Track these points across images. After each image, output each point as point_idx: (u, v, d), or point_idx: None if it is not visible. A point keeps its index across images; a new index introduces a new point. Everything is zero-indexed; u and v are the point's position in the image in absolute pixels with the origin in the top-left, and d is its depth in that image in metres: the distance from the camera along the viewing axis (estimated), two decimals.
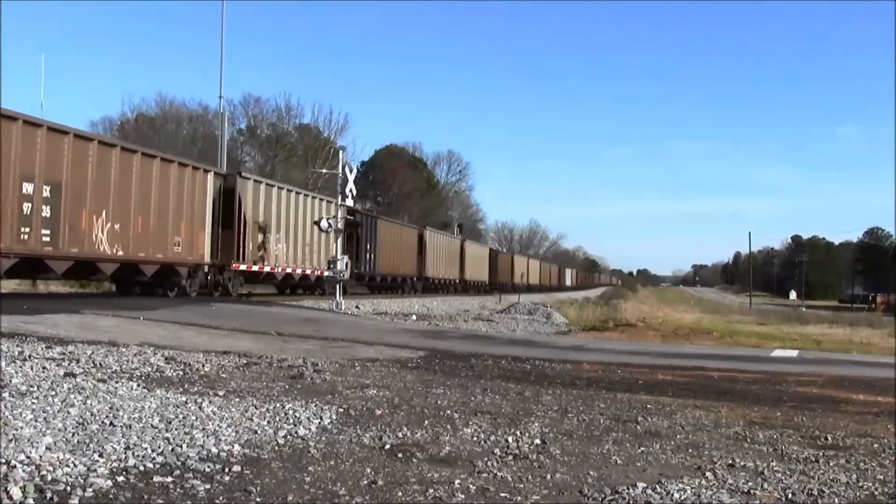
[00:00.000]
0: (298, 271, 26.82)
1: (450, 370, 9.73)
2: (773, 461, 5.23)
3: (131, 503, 3.68)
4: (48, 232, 15.48)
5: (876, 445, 5.95)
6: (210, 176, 21.92)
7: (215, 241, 21.98)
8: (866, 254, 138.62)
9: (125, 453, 4.41)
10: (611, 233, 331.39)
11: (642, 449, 5.43)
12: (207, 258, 21.59)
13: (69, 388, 6.21)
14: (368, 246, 33.69)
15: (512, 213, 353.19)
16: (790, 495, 4.43)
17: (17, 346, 8.46)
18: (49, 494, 3.66)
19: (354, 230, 29.77)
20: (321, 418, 5.80)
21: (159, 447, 4.62)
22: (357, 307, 24.83)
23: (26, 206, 14.95)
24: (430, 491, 4.15)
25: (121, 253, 17.77)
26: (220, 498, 3.84)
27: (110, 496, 3.73)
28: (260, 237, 24.07)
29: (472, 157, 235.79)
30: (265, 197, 24.44)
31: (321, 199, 29.15)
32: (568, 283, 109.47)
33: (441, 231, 51.30)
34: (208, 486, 3.99)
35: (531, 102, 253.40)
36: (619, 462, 5.04)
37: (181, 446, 4.69)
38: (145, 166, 18.69)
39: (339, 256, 24.77)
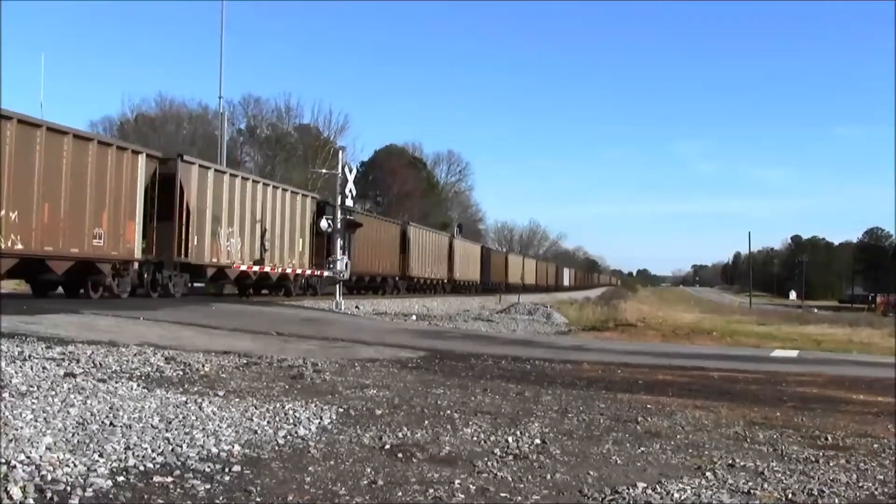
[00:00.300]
0: (257, 269, 24.37)
1: (450, 370, 9.73)
2: (773, 461, 5.23)
3: (131, 503, 3.68)
4: None
5: (876, 445, 5.95)
6: (141, 158, 18.89)
7: (150, 233, 19.36)
8: (866, 254, 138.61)
9: (125, 453, 4.41)
10: (611, 233, 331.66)
11: (642, 449, 5.43)
12: (138, 253, 18.84)
13: (69, 388, 6.21)
14: (342, 242, 31.94)
15: (512, 213, 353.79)
16: (790, 495, 4.43)
17: (17, 346, 8.46)
18: (49, 494, 3.66)
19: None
20: (321, 418, 5.81)
21: (159, 447, 4.62)
22: (357, 307, 24.84)
23: None
24: (430, 491, 4.15)
25: (19, 247, 15.07)
26: (220, 498, 3.84)
27: (110, 496, 3.73)
28: (208, 230, 21.44)
29: (472, 156, 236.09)
30: (215, 185, 21.80)
31: (285, 190, 26.85)
32: (566, 283, 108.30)
33: (427, 227, 48.10)
34: (208, 486, 3.98)
35: (531, 102, 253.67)
36: (619, 462, 5.04)
37: (181, 446, 4.69)
38: (53, 144, 15.85)
39: (339, 256, 24.79)
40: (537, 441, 5.49)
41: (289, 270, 26.39)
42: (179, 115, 57.61)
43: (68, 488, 3.76)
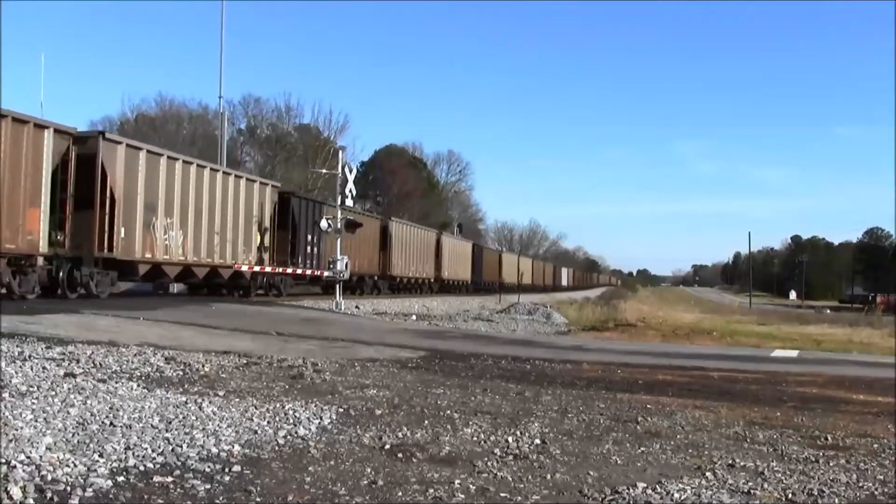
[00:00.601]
0: (204, 265, 21.54)
1: (450, 370, 9.73)
2: (773, 461, 5.23)
3: (131, 503, 3.68)
4: None
5: (876, 445, 5.95)
6: (48, 134, 15.85)
7: (64, 224, 16.63)
8: (866, 254, 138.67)
9: (125, 453, 4.41)
10: (611, 233, 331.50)
11: (642, 449, 5.43)
12: (44, 246, 15.98)
13: (69, 389, 6.22)
14: (310, 238, 28.08)
15: (512, 213, 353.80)
16: (790, 495, 4.43)
17: (17, 346, 8.46)
18: (49, 494, 3.66)
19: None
20: (321, 418, 5.81)
21: (159, 447, 4.62)
22: (357, 307, 24.85)
23: None
24: (430, 491, 4.15)
25: None
26: (220, 498, 3.84)
27: (110, 496, 3.73)
28: (139, 220, 18.65)
29: (472, 156, 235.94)
30: (148, 168, 18.94)
31: (239, 177, 23.91)
32: (564, 283, 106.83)
33: (411, 223, 44.89)
34: (208, 486, 3.99)
35: (531, 102, 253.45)
36: (619, 462, 5.04)
37: (181, 446, 4.69)
38: None
39: (338, 256, 24.73)
40: (537, 441, 5.49)
41: (244, 267, 23.61)
42: (179, 115, 57.57)
43: (68, 488, 3.76)
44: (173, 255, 20.11)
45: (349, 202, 25.44)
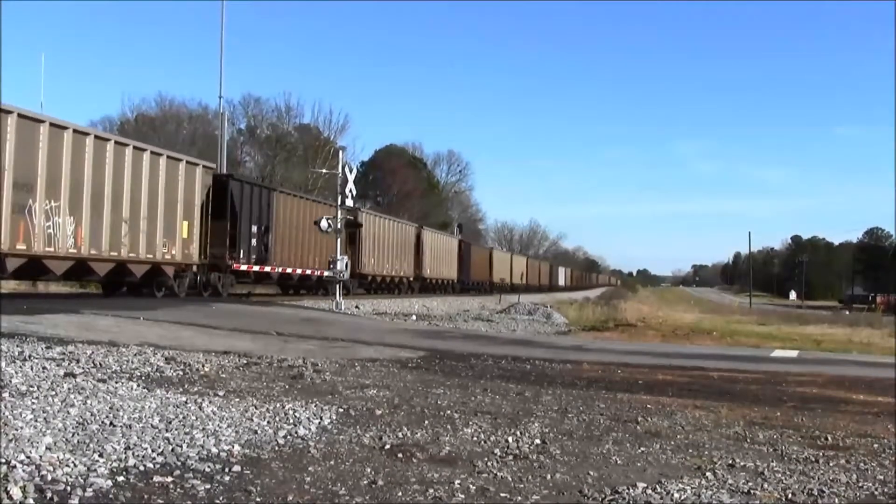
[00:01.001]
0: (107, 260, 17.63)
1: (450, 370, 9.73)
2: (773, 461, 5.23)
3: (131, 503, 3.68)
4: None
5: (876, 445, 5.95)
6: None
7: None
8: (866, 254, 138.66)
9: (125, 453, 4.41)
10: (611, 233, 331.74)
11: (642, 449, 5.43)
12: None
13: (69, 388, 6.21)
14: (256, 228, 24.35)
15: (512, 213, 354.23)
16: (790, 495, 4.43)
17: (17, 346, 8.46)
18: (49, 494, 3.65)
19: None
20: (321, 418, 5.81)
21: (159, 447, 4.62)
22: (357, 307, 24.85)
23: None
24: (430, 491, 4.15)
25: None
26: (220, 498, 3.84)
27: (110, 496, 3.73)
28: (6, 203, 14.68)
29: (472, 156, 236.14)
30: (21, 139, 14.94)
31: (157, 154, 19.60)
32: (562, 283, 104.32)
33: (385, 215, 41.14)
34: (208, 486, 3.99)
35: (531, 102, 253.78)
36: (619, 462, 5.04)
37: (181, 446, 4.69)
38: None
39: (338, 256, 24.65)
40: (537, 441, 5.49)
41: (165, 262, 19.78)
42: (179, 115, 57.59)
43: (68, 488, 3.76)
44: (60, 248, 16.07)
45: (349, 202, 25.29)
